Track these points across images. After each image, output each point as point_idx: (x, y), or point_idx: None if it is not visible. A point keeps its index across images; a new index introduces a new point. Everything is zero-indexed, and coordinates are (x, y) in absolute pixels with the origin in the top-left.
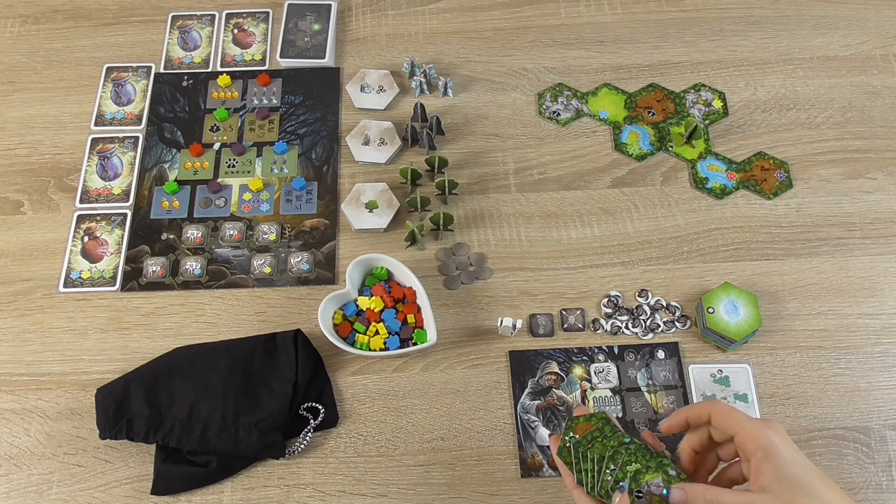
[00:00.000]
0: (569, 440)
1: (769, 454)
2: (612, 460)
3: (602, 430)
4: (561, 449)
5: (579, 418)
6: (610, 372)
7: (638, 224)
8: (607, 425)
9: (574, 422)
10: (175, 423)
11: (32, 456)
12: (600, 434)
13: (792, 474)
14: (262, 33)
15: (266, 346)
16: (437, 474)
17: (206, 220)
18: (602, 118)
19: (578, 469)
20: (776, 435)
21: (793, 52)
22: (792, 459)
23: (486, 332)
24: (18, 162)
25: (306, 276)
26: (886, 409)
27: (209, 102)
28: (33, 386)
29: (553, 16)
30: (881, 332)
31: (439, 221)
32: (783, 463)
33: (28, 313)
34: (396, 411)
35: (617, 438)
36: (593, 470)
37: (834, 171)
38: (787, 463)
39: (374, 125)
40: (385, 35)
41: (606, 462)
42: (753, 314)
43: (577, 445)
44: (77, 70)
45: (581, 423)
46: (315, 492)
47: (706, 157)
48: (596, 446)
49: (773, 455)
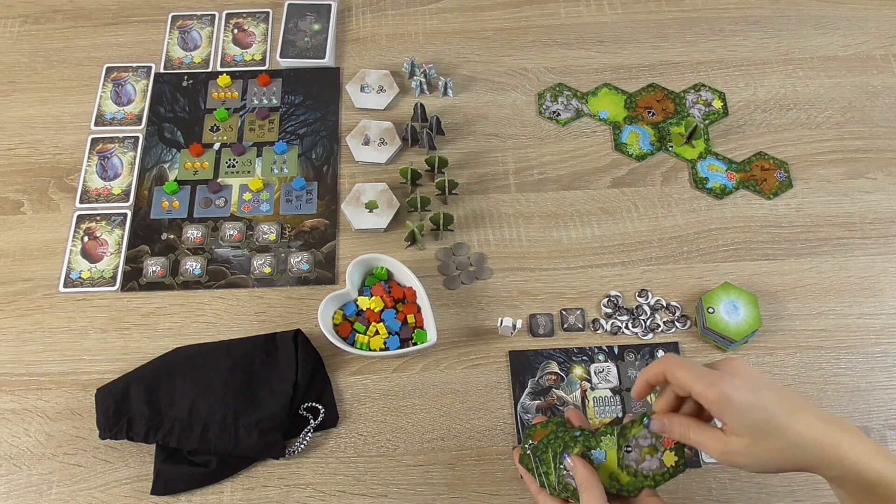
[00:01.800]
0: (528, 447)
1: (723, 409)
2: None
3: (556, 433)
4: (522, 457)
5: (536, 426)
6: (610, 372)
7: (638, 224)
8: (561, 427)
9: (532, 430)
10: (175, 423)
11: (32, 456)
12: (554, 436)
13: (750, 421)
14: (262, 33)
15: (266, 346)
16: (437, 474)
17: (206, 220)
18: (602, 118)
19: (538, 473)
20: (729, 384)
21: (793, 52)
22: (748, 406)
23: (486, 332)
24: (18, 162)
25: (306, 276)
26: (886, 409)
27: (209, 102)
28: (33, 386)
29: (553, 16)
30: (881, 332)
31: (439, 221)
32: (739, 413)
33: (28, 313)
34: (396, 411)
35: (569, 434)
36: (550, 471)
37: (834, 171)
38: (743, 412)
39: (374, 125)
40: (385, 35)
41: (559, 458)
42: (753, 314)
43: (534, 451)
44: (77, 70)
45: (538, 429)
46: (315, 492)
47: (706, 157)
48: (550, 448)
49: (727, 409)
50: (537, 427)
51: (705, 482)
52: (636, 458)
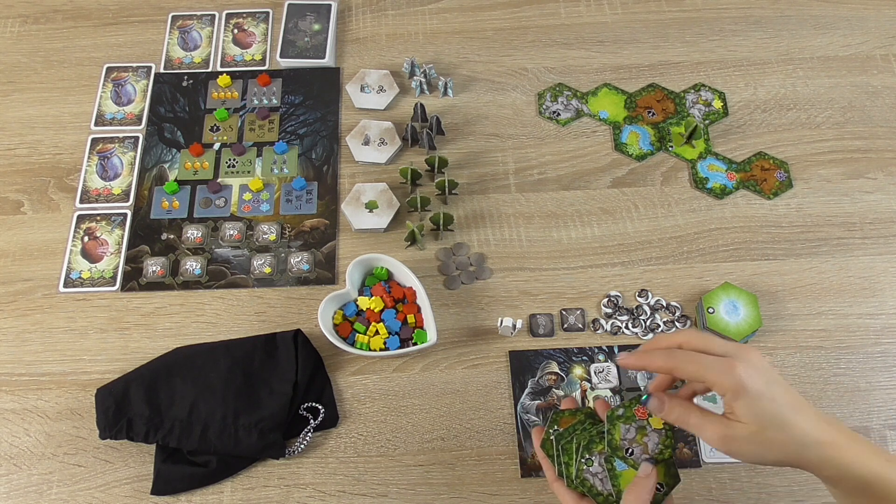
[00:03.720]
0: (552, 433)
1: (737, 394)
2: (587, 450)
3: (583, 423)
4: (544, 441)
5: (564, 412)
6: (610, 372)
7: (638, 224)
8: (590, 419)
9: (559, 415)
10: (175, 423)
11: (32, 456)
12: (581, 427)
13: (761, 409)
14: (262, 33)
15: (266, 346)
16: (437, 474)
17: (206, 220)
18: (602, 118)
19: (559, 462)
20: (744, 371)
21: (793, 52)
22: (760, 394)
23: (486, 332)
24: (18, 162)
25: (306, 276)
26: (886, 409)
27: (209, 102)
28: (33, 386)
29: (553, 16)
30: (881, 332)
31: (439, 221)
32: (752, 400)
33: (28, 313)
34: (396, 411)
35: (596, 429)
36: (571, 462)
37: (834, 171)
38: (756, 399)
39: (374, 125)
40: (385, 35)
41: (581, 452)
42: (753, 314)
43: (558, 438)
44: (77, 70)
45: (566, 416)
46: (315, 492)
47: (706, 157)
48: (575, 439)
49: (740, 395)
50: (565, 413)
51: (705, 482)
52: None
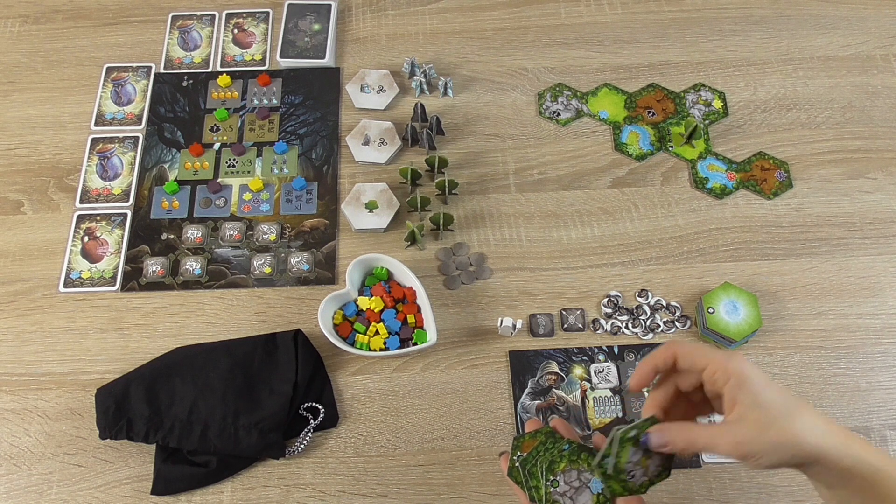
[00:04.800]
0: (516, 459)
1: (741, 381)
2: (550, 471)
3: (545, 444)
4: (511, 470)
5: (525, 435)
6: (610, 372)
7: (638, 224)
8: (550, 438)
9: (521, 439)
10: (175, 423)
11: (32, 456)
12: (543, 448)
13: (766, 399)
14: (262, 33)
15: (266, 346)
16: (437, 474)
17: (206, 220)
18: (602, 118)
19: (528, 487)
20: (745, 363)
21: (793, 52)
22: (764, 385)
23: (486, 332)
24: (18, 162)
25: (306, 276)
26: (887, 409)
27: (209, 102)
28: (33, 386)
29: (553, 16)
30: (881, 332)
31: (439, 221)
32: (756, 389)
33: (28, 313)
34: (396, 411)
35: (557, 448)
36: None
37: (834, 171)
38: (761, 388)
39: (374, 125)
40: (385, 35)
41: (546, 474)
42: (753, 314)
43: (524, 463)
44: (77, 70)
45: (527, 440)
46: (315, 492)
47: (706, 157)
48: (539, 461)
49: (745, 381)
50: (526, 437)
51: (705, 482)
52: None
